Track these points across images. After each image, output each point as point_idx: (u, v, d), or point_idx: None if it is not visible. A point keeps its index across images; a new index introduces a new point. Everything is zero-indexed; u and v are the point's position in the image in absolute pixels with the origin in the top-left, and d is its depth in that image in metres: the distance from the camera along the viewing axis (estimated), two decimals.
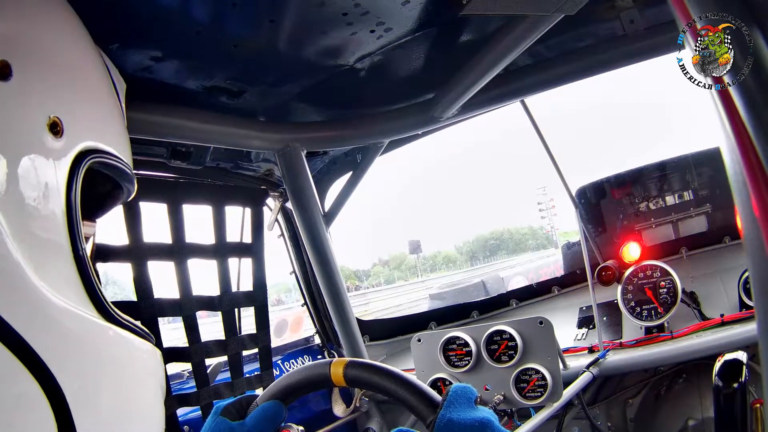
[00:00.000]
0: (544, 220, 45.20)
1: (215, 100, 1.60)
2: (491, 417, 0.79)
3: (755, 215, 0.58)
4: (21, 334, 0.52)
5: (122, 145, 0.77)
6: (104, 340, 0.64)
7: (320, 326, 2.50)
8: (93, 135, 0.68)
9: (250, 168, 2.08)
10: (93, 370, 0.61)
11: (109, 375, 0.64)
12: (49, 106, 0.62)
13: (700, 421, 1.98)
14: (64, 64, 0.69)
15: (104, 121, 0.73)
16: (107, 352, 0.65)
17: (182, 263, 1.72)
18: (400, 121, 1.89)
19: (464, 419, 0.77)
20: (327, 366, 0.92)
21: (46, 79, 0.64)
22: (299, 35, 1.35)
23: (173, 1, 1.13)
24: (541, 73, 1.77)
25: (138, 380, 0.69)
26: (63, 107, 0.64)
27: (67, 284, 0.60)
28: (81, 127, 0.67)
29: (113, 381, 0.65)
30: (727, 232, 2.19)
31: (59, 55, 0.69)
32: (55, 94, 0.64)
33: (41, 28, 0.67)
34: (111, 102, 0.78)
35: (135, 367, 0.69)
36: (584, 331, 2.22)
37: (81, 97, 0.69)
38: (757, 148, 0.58)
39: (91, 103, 0.70)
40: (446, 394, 0.81)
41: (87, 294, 0.63)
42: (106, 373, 0.64)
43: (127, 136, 0.81)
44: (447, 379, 1.94)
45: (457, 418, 0.77)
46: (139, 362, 0.70)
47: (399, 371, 0.88)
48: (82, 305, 0.61)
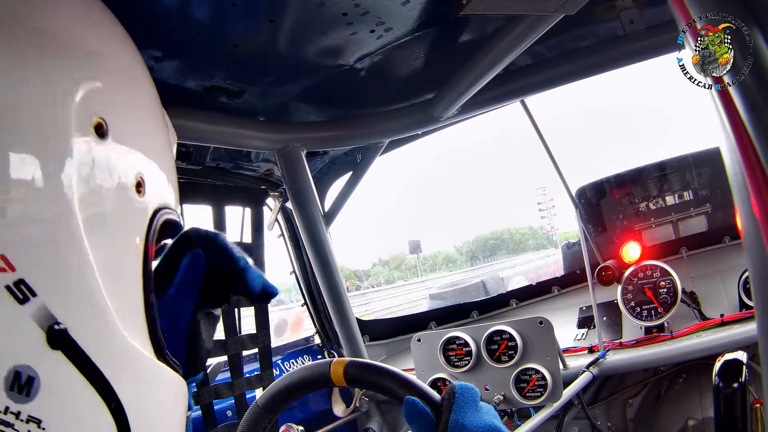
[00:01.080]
0: (544, 220, 45.18)
1: (215, 100, 1.60)
2: (498, 421, 0.78)
3: (755, 215, 0.58)
4: (109, 381, 0.57)
5: (176, 197, 0.78)
6: (164, 381, 0.67)
7: (320, 326, 2.50)
8: (164, 192, 0.71)
9: (250, 168, 2.08)
10: (156, 410, 0.66)
11: (164, 412, 0.68)
12: (136, 165, 0.64)
13: (700, 421, 1.98)
14: (145, 122, 0.70)
15: (168, 177, 0.74)
16: (165, 392, 0.68)
17: None
18: (400, 121, 1.89)
19: (476, 425, 0.76)
20: (327, 366, 0.92)
21: (135, 138, 0.65)
22: (299, 35, 1.35)
23: (173, 1, 1.13)
24: (541, 73, 1.77)
25: (179, 414, 0.72)
26: (145, 166, 0.66)
27: (135, 330, 0.63)
28: (156, 185, 0.68)
29: (166, 417, 0.68)
30: (727, 232, 2.19)
31: (142, 113, 0.70)
32: (140, 152, 0.66)
33: (130, 85, 0.68)
34: (170, 157, 0.78)
35: (180, 403, 0.72)
36: (584, 331, 2.22)
37: (156, 154, 0.70)
38: (757, 148, 0.58)
39: (162, 160, 0.72)
40: (450, 395, 0.79)
41: (150, 338, 0.66)
42: (164, 411, 0.68)
43: (176, 186, 0.82)
44: (447, 379, 1.94)
45: (470, 424, 0.75)
46: (182, 397, 0.72)
47: (399, 371, 0.88)
48: (145, 348, 0.65)
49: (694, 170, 2.38)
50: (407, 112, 1.88)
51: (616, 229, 2.45)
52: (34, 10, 0.57)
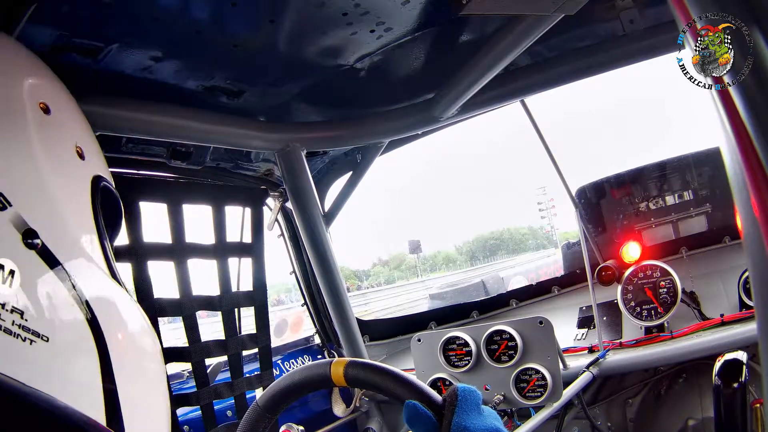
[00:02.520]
0: (544, 220, 45.16)
1: (215, 100, 1.60)
2: (500, 423, 0.78)
3: (755, 215, 0.58)
4: (76, 281, 0.74)
5: (110, 179, 0.98)
6: (119, 293, 0.84)
7: (320, 326, 2.50)
8: (100, 166, 0.93)
9: (250, 168, 2.08)
10: (118, 313, 0.83)
11: (126, 315, 0.85)
12: (74, 138, 0.89)
13: (700, 421, 1.98)
14: (73, 113, 0.95)
15: (100, 157, 0.96)
16: (122, 301, 0.85)
17: (182, 263, 1.72)
18: (400, 121, 1.89)
19: (479, 428, 0.75)
20: (327, 366, 0.92)
21: (70, 121, 0.91)
22: (299, 35, 1.35)
23: (173, 1, 1.13)
24: (541, 73, 1.77)
25: (138, 317, 0.88)
26: (80, 141, 0.89)
27: (93, 251, 0.82)
28: (92, 157, 0.91)
29: (128, 319, 0.85)
30: (727, 232, 2.19)
31: (72, 109, 0.95)
32: (75, 131, 0.91)
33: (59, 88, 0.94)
34: (97, 145, 0.99)
35: (134, 312, 0.88)
36: (584, 331, 2.22)
37: (86, 138, 0.93)
38: (757, 148, 0.58)
39: (92, 145, 0.94)
40: (453, 397, 0.79)
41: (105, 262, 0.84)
42: (126, 314, 0.84)
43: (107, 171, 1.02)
44: (447, 379, 1.94)
45: (472, 426, 0.75)
46: (135, 309, 0.88)
47: (399, 371, 0.88)
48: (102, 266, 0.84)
49: (694, 170, 2.38)
50: (407, 112, 1.88)
51: (616, 229, 2.45)
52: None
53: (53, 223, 0.74)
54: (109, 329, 0.76)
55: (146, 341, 0.87)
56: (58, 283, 0.71)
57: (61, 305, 0.70)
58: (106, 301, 0.78)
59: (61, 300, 0.71)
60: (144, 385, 0.85)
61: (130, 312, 0.85)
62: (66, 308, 0.71)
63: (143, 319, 0.88)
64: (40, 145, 0.78)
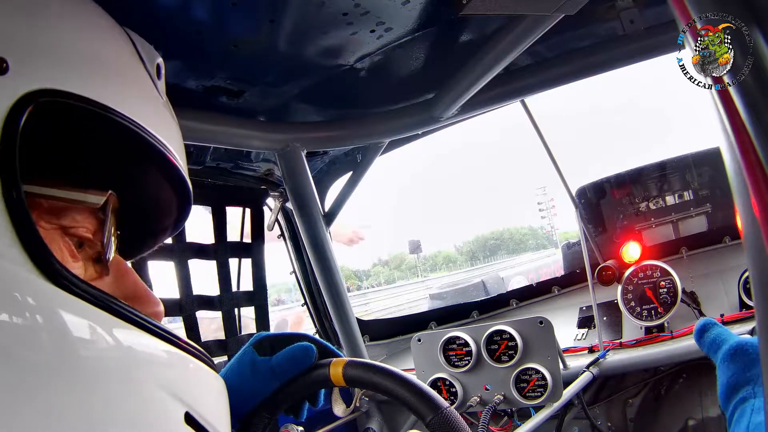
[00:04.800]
0: (544, 220, 45.17)
1: (215, 100, 1.60)
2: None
3: (755, 215, 0.58)
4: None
5: (146, 115, 0.65)
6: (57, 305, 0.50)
7: (320, 326, 2.50)
8: (63, 78, 0.57)
9: (250, 168, 2.08)
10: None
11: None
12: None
13: (700, 421, 1.98)
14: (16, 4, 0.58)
15: (92, 68, 0.61)
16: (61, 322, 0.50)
17: (182, 263, 1.72)
18: (400, 121, 1.89)
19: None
20: (326, 366, 0.92)
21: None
22: (299, 35, 1.35)
23: (173, 1, 1.13)
24: (541, 73, 1.77)
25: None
26: (10, 46, 0.54)
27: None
28: (41, 68, 0.55)
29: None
30: (727, 232, 2.19)
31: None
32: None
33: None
34: (115, 58, 0.68)
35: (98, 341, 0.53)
36: (584, 331, 2.22)
37: (46, 41, 0.58)
38: (757, 148, 0.58)
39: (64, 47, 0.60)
40: None
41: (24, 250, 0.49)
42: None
43: (161, 111, 0.71)
44: (447, 379, 1.94)
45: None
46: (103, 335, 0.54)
47: (398, 371, 0.88)
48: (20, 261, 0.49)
49: (694, 170, 2.38)
50: (407, 112, 1.88)
51: (616, 229, 2.45)
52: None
53: None
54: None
55: None
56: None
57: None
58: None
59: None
60: None
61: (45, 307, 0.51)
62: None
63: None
64: None
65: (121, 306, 0.55)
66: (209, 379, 0.65)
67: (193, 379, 0.62)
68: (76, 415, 0.48)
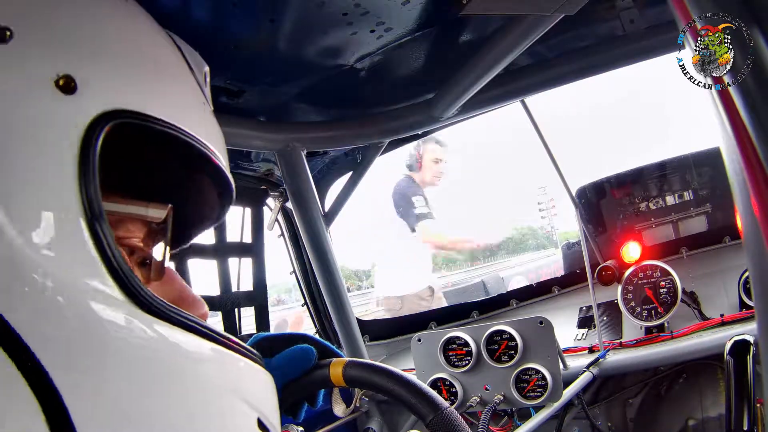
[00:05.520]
0: (544, 220, 45.13)
1: (215, 100, 1.59)
2: None
3: (755, 215, 0.58)
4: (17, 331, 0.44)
5: (198, 125, 0.66)
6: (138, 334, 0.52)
7: (320, 326, 2.50)
8: (127, 96, 0.57)
9: (250, 168, 2.08)
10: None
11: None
12: (57, 60, 0.53)
13: (700, 421, 1.98)
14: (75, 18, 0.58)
15: (151, 84, 0.62)
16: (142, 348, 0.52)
17: (182, 263, 1.72)
18: (400, 121, 1.89)
19: None
20: (326, 366, 0.92)
21: (53, 36, 0.54)
22: (299, 35, 1.35)
23: (173, 1, 1.13)
24: (541, 73, 1.77)
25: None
26: (76, 64, 0.54)
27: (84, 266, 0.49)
28: (108, 86, 0.55)
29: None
30: (727, 232, 2.19)
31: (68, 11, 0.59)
32: (64, 50, 0.54)
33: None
34: (171, 70, 0.71)
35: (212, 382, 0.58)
36: (584, 331, 2.22)
37: (107, 56, 0.59)
38: (757, 148, 0.58)
39: (125, 63, 0.61)
40: None
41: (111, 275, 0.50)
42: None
43: (209, 119, 0.72)
44: (447, 379, 1.93)
45: None
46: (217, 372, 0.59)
47: (398, 371, 0.88)
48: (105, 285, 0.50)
49: (694, 170, 2.38)
50: (407, 112, 1.88)
51: (616, 229, 2.45)
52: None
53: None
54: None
55: None
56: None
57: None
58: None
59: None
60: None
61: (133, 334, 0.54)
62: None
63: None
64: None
65: (194, 321, 0.57)
66: (267, 381, 0.67)
67: (259, 384, 0.65)
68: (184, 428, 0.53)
